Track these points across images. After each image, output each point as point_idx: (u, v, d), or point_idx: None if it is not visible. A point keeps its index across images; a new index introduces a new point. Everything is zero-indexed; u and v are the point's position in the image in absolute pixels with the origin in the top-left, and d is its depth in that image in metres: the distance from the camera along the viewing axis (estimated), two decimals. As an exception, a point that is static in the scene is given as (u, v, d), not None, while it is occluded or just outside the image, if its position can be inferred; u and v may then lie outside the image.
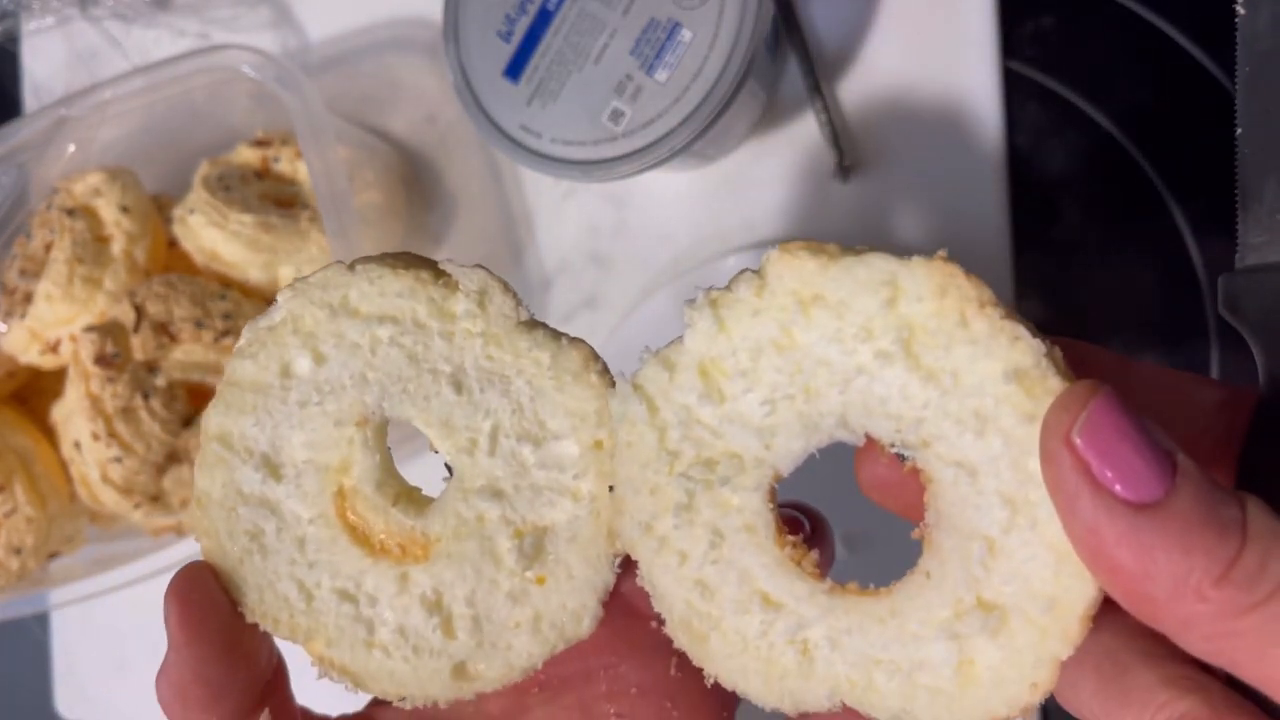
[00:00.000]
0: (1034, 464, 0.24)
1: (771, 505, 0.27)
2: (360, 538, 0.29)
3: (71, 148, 0.63)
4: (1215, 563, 0.21)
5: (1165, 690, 0.24)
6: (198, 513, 0.29)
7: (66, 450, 0.58)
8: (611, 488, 0.28)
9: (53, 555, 0.62)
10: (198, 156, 0.61)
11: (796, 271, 0.26)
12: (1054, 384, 0.24)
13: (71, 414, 0.56)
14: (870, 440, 0.27)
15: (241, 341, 0.29)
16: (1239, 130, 0.26)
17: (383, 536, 0.29)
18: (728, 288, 0.27)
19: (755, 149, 0.59)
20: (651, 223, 0.61)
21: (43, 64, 0.76)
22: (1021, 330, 0.24)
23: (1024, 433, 0.24)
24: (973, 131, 0.54)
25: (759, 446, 0.27)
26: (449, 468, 0.29)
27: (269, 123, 0.62)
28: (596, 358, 0.29)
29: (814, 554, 0.27)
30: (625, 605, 0.33)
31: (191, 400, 0.57)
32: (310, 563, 0.28)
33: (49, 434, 0.61)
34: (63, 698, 0.75)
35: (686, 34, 0.47)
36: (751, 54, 0.46)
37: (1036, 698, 0.25)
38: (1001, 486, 0.25)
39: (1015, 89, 0.54)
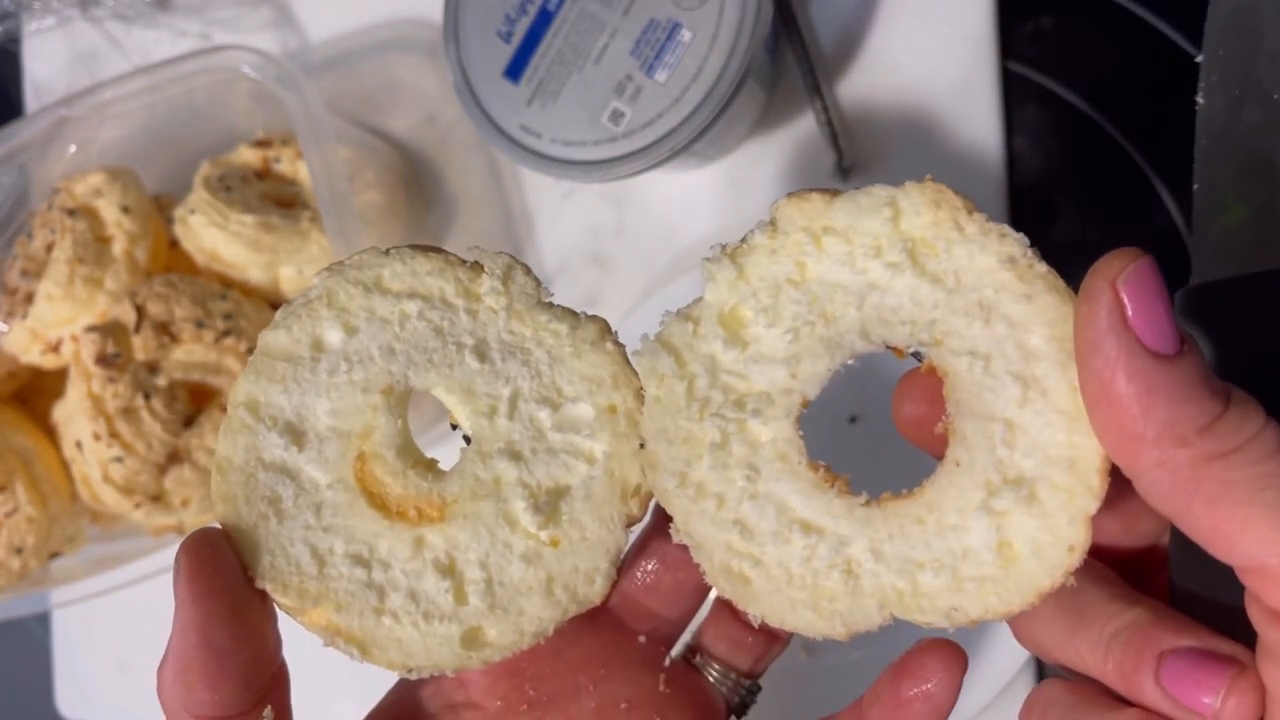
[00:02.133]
0: (1034, 340, 0.27)
1: (801, 433, 0.29)
2: (378, 502, 0.30)
3: (72, 148, 0.63)
4: (1203, 414, 0.24)
5: (1115, 603, 0.27)
6: (217, 478, 0.29)
7: (68, 450, 0.58)
8: (643, 444, 0.29)
9: (54, 555, 0.62)
10: (199, 157, 0.61)
11: (806, 210, 0.29)
12: (1041, 269, 0.27)
13: (73, 414, 0.56)
14: (904, 384, 0.30)
15: (277, 315, 0.30)
16: (1195, 187, 0.32)
17: (400, 500, 0.30)
18: (742, 240, 0.29)
19: (755, 149, 0.59)
20: (651, 223, 0.61)
21: (44, 64, 0.76)
22: (1007, 228, 0.28)
23: (1022, 312, 0.27)
24: (972, 132, 0.54)
25: (785, 376, 0.29)
26: (466, 439, 0.30)
27: (270, 123, 0.62)
28: (612, 330, 0.30)
29: (842, 477, 0.29)
30: (613, 619, 0.33)
31: (192, 400, 0.57)
32: (325, 527, 0.29)
33: (50, 434, 0.61)
34: (64, 697, 0.75)
35: (686, 34, 0.47)
36: (751, 54, 0.46)
37: (1075, 560, 0.27)
38: (1010, 366, 0.27)
39: (1014, 89, 0.54)
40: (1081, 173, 0.54)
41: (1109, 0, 0.53)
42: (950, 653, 0.30)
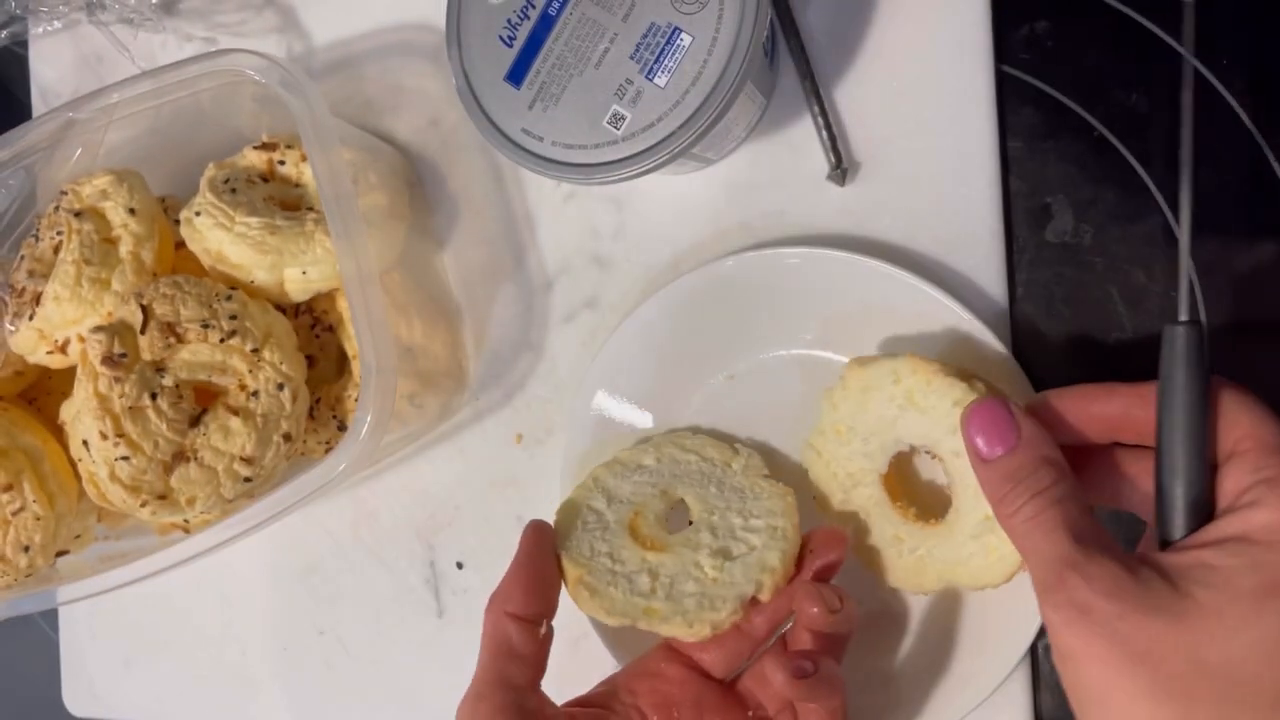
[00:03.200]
0: None
1: (884, 489, 0.51)
2: (634, 535, 0.52)
3: (79, 150, 0.63)
4: (997, 491, 0.42)
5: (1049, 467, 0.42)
6: (563, 502, 0.54)
7: (75, 449, 0.58)
8: (815, 496, 0.53)
9: (61, 553, 0.62)
10: (204, 159, 0.61)
11: (856, 374, 0.50)
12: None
13: (80, 413, 0.56)
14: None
15: (632, 446, 0.57)
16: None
17: (645, 537, 0.52)
18: (834, 387, 0.51)
19: (753, 152, 0.59)
20: (651, 225, 0.61)
21: (50, 68, 0.77)
22: (956, 381, 0.47)
23: None
24: (967, 135, 0.55)
25: (867, 461, 0.51)
26: (690, 522, 0.53)
27: (274, 126, 0.63)
28: (791, 491, 0.52)
29: (913, 509, 0.51)
30: (737, 698, 0.51)
31: (198, 400, 0.57)
32: (603, 539, 0.52)
33: (58, 433, 0.62)
34: (71, 694, 0.76)
35: (686, 38, 0.47)
36: (749, 58, 0.46)
37: (1020, 559, 0.46)
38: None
39: (1009, 93, 0.55)
40: (1076, 175, 0.54)
41: (1104, 4, 0.54)
42: (837, 534, 0.49)
